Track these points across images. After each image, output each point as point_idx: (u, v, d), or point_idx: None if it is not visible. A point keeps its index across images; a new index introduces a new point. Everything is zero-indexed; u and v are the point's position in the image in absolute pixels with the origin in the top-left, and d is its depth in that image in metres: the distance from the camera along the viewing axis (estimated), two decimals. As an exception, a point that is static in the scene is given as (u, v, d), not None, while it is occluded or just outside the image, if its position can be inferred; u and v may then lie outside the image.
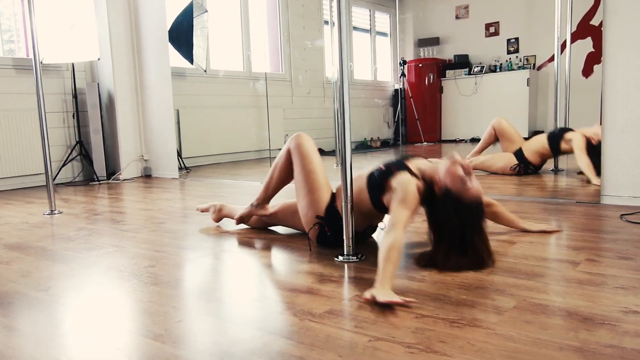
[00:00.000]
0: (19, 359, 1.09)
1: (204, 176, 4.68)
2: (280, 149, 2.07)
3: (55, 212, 2.98)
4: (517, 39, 6.28)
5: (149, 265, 1.79)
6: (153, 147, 4.81)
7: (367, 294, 1.33)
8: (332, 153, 5.99)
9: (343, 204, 1.74)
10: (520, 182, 3.47)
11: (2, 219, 2.84)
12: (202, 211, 2.54)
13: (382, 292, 1.32)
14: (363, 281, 1.51)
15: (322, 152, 6.76)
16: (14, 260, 1.93)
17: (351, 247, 1.75)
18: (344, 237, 1.75)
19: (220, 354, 1.07)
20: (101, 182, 4.44)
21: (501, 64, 6.39)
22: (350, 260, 1.72)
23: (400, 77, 6.83)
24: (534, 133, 6.00)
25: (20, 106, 4.19)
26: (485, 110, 6.75)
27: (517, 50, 6.27)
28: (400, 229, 1.51)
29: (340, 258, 1.75)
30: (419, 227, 2.19)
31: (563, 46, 4.05)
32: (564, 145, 3.59)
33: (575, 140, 3.42)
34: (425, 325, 1.17)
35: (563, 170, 3.91)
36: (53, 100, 4.41)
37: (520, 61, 6.23)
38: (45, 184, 4.18)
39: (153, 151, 4.82)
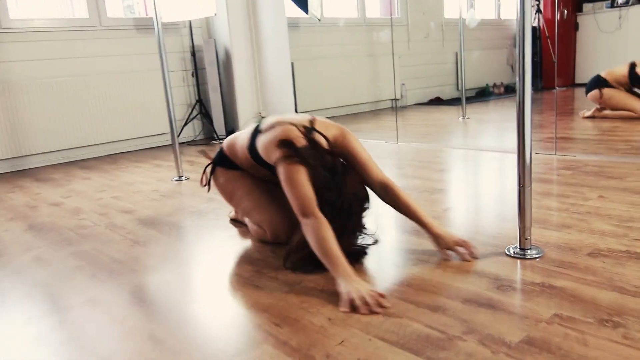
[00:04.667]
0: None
1: (322, 133, 4.49)
2: (397, 99, 1.85)
3: (183, 178, 2.94)
4: (678, -40, 5.23)
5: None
6: (270, 103, 4.69)
7: (344, 305, 1.21)
8: (453, 102, 5.52)
9: (518, 175, 1.42)
10: None
11: (134, 187, 2.86)
12: None
13: (357, 287, 1.22)
14: (555, 291, 1.21)
15: (440, 101, 6.29)
16: (151, 241, 1.86)
17: (529, 240, 1.44)
18: (520, 223, 1.43)
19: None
20: (221, 140, 4.42)
21: (656, -7, 5.38)
22: (528, 256, 1.42)
23: (535, 13, 6.06)
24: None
25: (142, 66, 4.22)
26: (631, 49, 5.82)
27: (677, -25, 5.23)
28: (309, 213, 1.36)
29: (512, 251, 1.45)
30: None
31: None
32: None
33: None
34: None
35: None
36: (172, 59, 4.40)
37: (681, -12, 5.20)
38: (169, 143, 4.24)
39: (270, 108, 4.70)
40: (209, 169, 1.88)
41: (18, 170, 3.75)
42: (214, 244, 1.77)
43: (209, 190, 1.89)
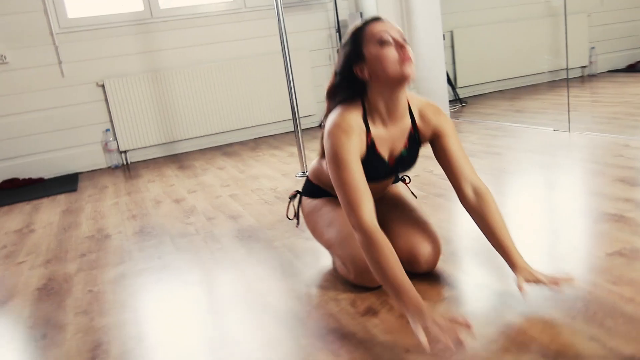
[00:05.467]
0: None
1: (480, 113, 3.88)
2: (586, 67, 1.34)
3: (307, 173, 2.70)
4: None
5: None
6: (421, 80, 4.20)
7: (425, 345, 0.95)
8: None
9: None
10: None
11: (257, 182, 2.70)
12: None
13: (433, 321, 0.97)
14: None
15: (634, 68, 5.05)
16: (235, 266, 1.64)
17: None
18: None
19: None
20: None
21: None
22: None
23: None
24: None
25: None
26: None
27: None
28: (355, 224, 1.15)
29: None
30: None
31: None
32: None
33: None
34: None
35: None
36: (318, 37, 4.17)
37: None
38: (313, 126, 4.07)
39: (421, 85, 4.21)
40: (295, 200, 1.61)
41: (170, 155, 3.91)
42: (296, 280, 1.48)
43: (297, 224, 1.61)
